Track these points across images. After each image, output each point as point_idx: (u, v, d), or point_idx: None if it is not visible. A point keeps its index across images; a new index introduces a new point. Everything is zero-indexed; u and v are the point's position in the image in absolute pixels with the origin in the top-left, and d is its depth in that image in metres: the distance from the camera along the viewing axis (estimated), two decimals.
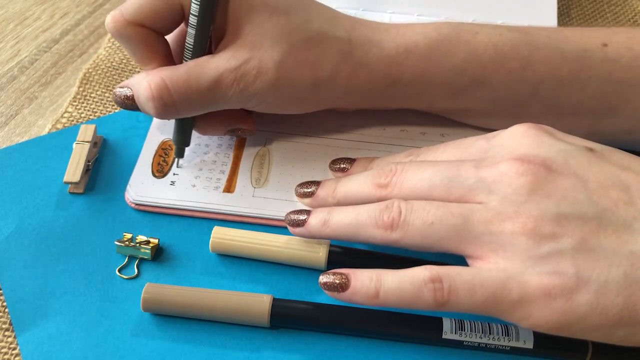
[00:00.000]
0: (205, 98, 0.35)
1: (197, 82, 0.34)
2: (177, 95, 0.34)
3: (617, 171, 0.29)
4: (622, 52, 0.37)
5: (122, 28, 0.35)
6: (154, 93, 0.34)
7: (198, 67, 0.34)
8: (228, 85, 0.34)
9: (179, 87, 0.34)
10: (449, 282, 0.28)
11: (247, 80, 0.34)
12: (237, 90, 0.35)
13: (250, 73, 0.34)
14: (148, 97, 0.34)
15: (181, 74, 0.34)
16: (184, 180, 0.39)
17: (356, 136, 0.42)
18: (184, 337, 0.33)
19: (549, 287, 0.27)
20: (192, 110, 0.35)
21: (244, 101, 0.36)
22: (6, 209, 0.38)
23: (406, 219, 0.30)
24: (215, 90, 0.34)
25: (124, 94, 0.36)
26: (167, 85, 0.34)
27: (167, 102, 0.34)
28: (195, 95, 0.34)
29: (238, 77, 0.34)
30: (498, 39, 0.37)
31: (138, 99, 0.35)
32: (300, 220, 0.34)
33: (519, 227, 0.28)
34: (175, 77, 0.34)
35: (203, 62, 0.35)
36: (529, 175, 0.29)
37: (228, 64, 0.34)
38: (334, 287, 0.31)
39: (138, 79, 0.35)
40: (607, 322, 0.27)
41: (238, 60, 0.34)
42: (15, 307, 0.34)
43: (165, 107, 0.34)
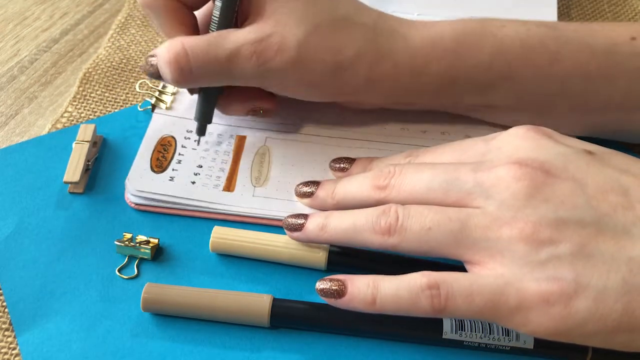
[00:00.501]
0: (222, 68, 0.35)
1: (215, 50, 0.34)
2: (194, 62, 0.34)
3: (616, 175, 0.29)
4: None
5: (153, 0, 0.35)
6: (171, 57, 0.34)
7: (220, 37, 0.35)
8: (247, 57, 0.34)
9: (197, 54, 0.34)
10: (447, 289, 0.28)
11: (267, 55, 0.34)
12: (256, 64, 0.34)
13: (270, 48, 0.34)
14: (166, 61, 0.34)
15: (202, 42, 0.34)
16: (183, 177, 0.39)
17: (357, 134, 0.42)
18: (184, 337, 0.33)
19: (547, 293, 0.27)
20: (208, 79, 0.35)
21: (262, 77, 0.36)
22: (6, 209, 0.38)
23: (403, 224, 0.30)
24: (233, 61, 0.34)
25: (149, 60, 0.36)
26: (185, 51, 0.34)
27: (183, 67, 0.34)
28: (212, 64, 0.34)
29: (258, 51, 0.34)
30: (525, 34, 0.37)
31: (159, 63, 0.35)
32: (298, 224, 0.34)
33: (516, 232, 0.28)
34: (195, 44, 0.34)
35: (225, 33, 0.35)
36: (526, 179, 0.29)
37: (249, 36, 0.34)
38: (331, 293, 0.31)
39: (162, 46, 0.35)
40: (605, 328, 0.27)
41: (259, 33, 0.34)
42: (15, 307, 0.34)
43: (181, 73, 0.34)
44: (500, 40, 0.37)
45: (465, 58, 0.37)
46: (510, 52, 0.37)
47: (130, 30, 0.51)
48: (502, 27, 0.37)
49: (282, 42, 0.34)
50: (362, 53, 0.36)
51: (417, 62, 0.37)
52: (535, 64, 0.37)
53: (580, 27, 0.38)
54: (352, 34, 0.36)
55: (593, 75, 0.37)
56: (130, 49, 0.49)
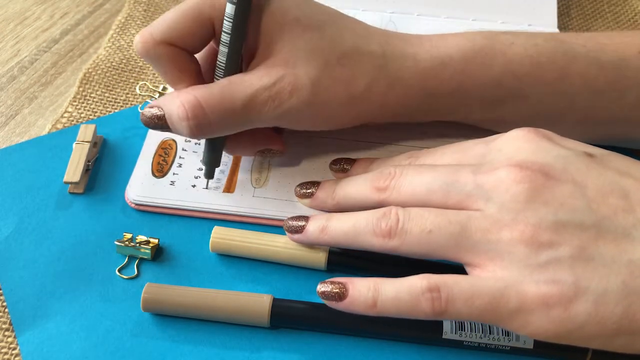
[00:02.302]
0: (239, 116, 0.34)
1: (231, 100, 0.33)
2: (211, 115, 0.33)
3: (617, 177, 0.29)
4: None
5: (151, 48, 0.34)
6: (189, 113, 0.33)
7: (232, 85, 0.34)
8: (262, 103, 0.34)
9: (214, 106, 0.33)
10: (447, 292, 0.28)
11: (282, 98, 0.34)
12: (272, 107, 0.34)
13: (285, 90, 0.34)
14: (182, 117, 0.33)
15: (215, 92, 0.33)
16: (184, 180, 0.39)
17: (357, 136, 0.42)
18: (184, 337, 0.33)
19: (547, 296, 0.27)
20: (226, 129, 0.35)
21: (278, 119, 0.35)
22: (6, 209, 0.38)
23: (404, 226, 0.30)
24: (249, 109, 0.34)
25: (154, 114, 0.34)
26: (201, 104, 0.33)
27: (201, 121, 0.33)
28: (229, 114, 0.33)
29: (273, 95, 0.34)
30: (534, 50, 0.37)
31: (170, 118, 0.34)
32: (298, 226, 0.34)
33: (516, 235, 0.28)
34: (209, 95, 0.33)
35: (236, 80, 0.34)
36: (526, 182, 0.29)
37: (262, 81, 0.34)
38: (332, 296, 0.31)
39: (170, 99, 0.34)
40: (605, 331, 0.27)
41: (272, 77, 0.34)
42: (15, 307, 0.34)
43: (199, 127, 0.33)
44: (509, 58, 0.37)
45: (475, 76, 0.37)
46: (520, 70, 0.37)
47: (130, 30, 0.51)
48: (511, 44, 0.37)
49: (295, 83, 0.34)
50: (374, 82, 0.36)
51: (427, 84, 0.36)
52: (545, 80, 0.37)
53: (589, 41, 0.38)
54: (362, 65, 0.35)
55: (602, 90, 0.37)
56: (130, 49, 0.49)
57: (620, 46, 0.37)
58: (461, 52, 0.36)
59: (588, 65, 0.37)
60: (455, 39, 0.37)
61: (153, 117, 0.34)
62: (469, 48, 0.37)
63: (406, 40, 0.37)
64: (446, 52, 0.37)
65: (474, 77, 0.37)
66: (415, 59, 0.36)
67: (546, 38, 0.38)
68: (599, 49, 0.37)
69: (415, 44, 0.37)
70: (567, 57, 0.37)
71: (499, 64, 0.37)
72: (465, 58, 0.36)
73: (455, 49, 0.37)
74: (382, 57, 0.36)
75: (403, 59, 0.36)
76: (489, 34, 0.38)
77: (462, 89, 0.37)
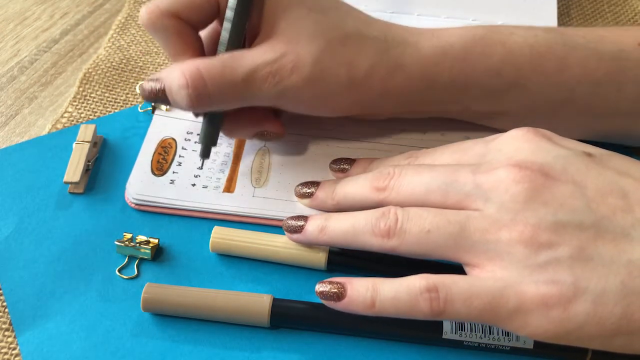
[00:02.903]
0: (239, 90, 0.34)
1: (232, 73, 0.34)
2: (211, 85, 0.33)
3: (616, 177, 0.29)
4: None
5: (157, 19, 0.34)
6: (189, 81, 0.33)
7: (234, 58, 0.34)
8: (263, 78, 0.34)
9: (214, 77, 0.33)
10: (445, 292, 0.28)
11: (283, 74, 0.34)
12: (272, 84, 0.34)
13: (286, 67, 0.34)
14: (182, 85, 0.33)
15: (216, 64, 0.34)
16: (184, 179, 0.39)
17: (356, 135, 0.41)
18: (184, 337, 0.33)
19: (546, 296, 0.27)
20: (225, 102, 0.35)
21: (278, 97, 0.35)
22: (6, 209, 0.38)
23: (403, 226, 0.30)
24: (250, 83, 0.34)
25: (153, 86, 0.35)
26: (201, 74, 0.33)
27: (201, 91, 0.33)
28: (229, 87, 0.34)
29: (274, 71, 0.34)
30: (534, 40, 0.37)
31: (170, 88, 0.34)
32: (297, 226, 0.34)
33: (515, 235, 0.28)
34: (210, 66, 0.33)
35: (238, 55, 0.34)
36: (526, 182, 0.29)
37: (264, 56, 0.34)
38: (330, 296, 0.31)
39: (170, 69, 0.34)
40: (604, 332, 0.27)
41: (274, 53, 0.34)
42: (15, 307, 0.34)
43: (198, 97, 0.33)
44: (509, 47, 0.37)
45: (475, 65, 0.37)
46: (519, 59, 0.37)
47: (130, 30, 0.51)
48: (510, 34, 0.37)
49: (296, 61, 0.34)
50: (375, 66, 0.36)
51: (428, 71, 0.37)
52: (544, 70, 0.37)
53: (588, 33, 0.38)
54: (364, 48, 0.35)
55: (601, 82, 0.37)
56: (130, 49, 0.49)
57: (619, 38, 0.38)
58: (462, 41, 0.37)
59: (587, 56, 0.37)
60: (456, 30, 0.38)
61: (152, 89, 0.35)
62: (469, 37, 0.37)
63: (408, 29, 0.38)
64: (447, 40, 0.37)
65: (474, 66, 0.37)
66: (417, 46, 0.37)
67: (546, 30, 0.38)
68: (598, 40, 0.37)
69: (416, 33, 0.37)
70: (567, 48, 0.37)
71: (499, 54, 0.37)
72: (466, 47, 0.37)
73: (456, 37, 0.37)
74: (383, 42, 0.36)
75: (404, 45, 0.36)
76: (489, 25, 0.38)
77: (462, 78, 0.37)
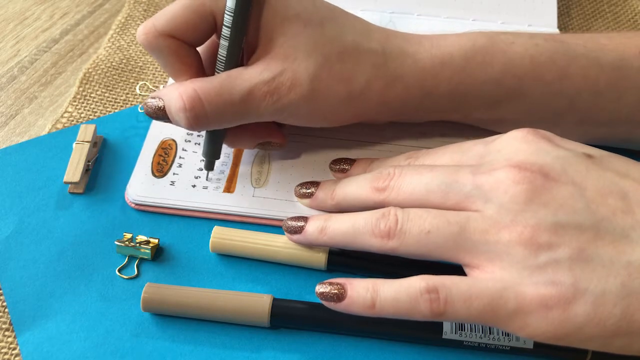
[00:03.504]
0: (237, 110, 0.34)
1: (229, 93, 0.34)
2: (209, 107, 0.33)
3: (616, 178, 0.29)
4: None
5: (153, 40, 0.34)
6: (186, 104, 0.33)
7: (231, 78, 0.34)
8: (261, 98, 0.34)
9: (211, 99, 0.33)
10: (445, 293, 0.28)
11: (281, 93, 0.34)
12: (270, 102, 0.34)
13: (283, 85, 0.34)
14: (180, 108, 0.33)
15: (214, 85, 0.34)
16: (184, 181, 0.39)
17: (356, 136, 0.42)
18: (184, 337, 0.33)
19: (545, 297, 0.27)
20: (224, 122, 0.35)
21: (276, 114, 0.35)
22: (6, 209, 0.38)
23: (403, 227, 0.30)
24: (247, 102, 0.34)
25: (155, 105, 0.35)
26: (199, 97, 0.33)
27: (199, 113, 0.33)
28: (227, 107, 0.34)
29: (271, 90, 0.34)
30: (534, 50, 0.37)
31: (169, 109, 0.34)
32: (297, 227, 0.34)
33: (515, 236, 0.28)
34: (207, 88, 0.34)
35: (236, 74, 0.34)
36: (525, 183, 0.29)
37: (261, 76, 0.34)
38: (331, 297, 0.31)
39: (170, 90, 0.34)
40: (604, 333, 0.27)
41: (271, 72, 0.34)
42: (15, 307, 0.34)
43: (197, 119, 0.34)
44: (509, 57, 0.37)
45: (475, 75, 0.37)
46: (520, 69, 0.37)
47: (130, 30, 0.51)
48: (511, 43, 0.37)
49: (294, 78, 0.34)
50: (373, 80, 0.36)
51: (427, 83, 0.36)
52: (545, 80, 0.37)
53: (589, 41, 0.38)
54: (361, 62, 0.35)
55: (602, 91, 0.37)
56: (130, 49, 0.49)
57: (620, 47, 0.37)
58: (462, 51, 0.36)
59: (588, 65, 0.37)
60: (456, 39, 0.37)
61: (154, 108, 0.35)
62: (469, 47, 0.37)
63: (406, 39, 0.37)
64: (447, 50, 0.37)
65: (474, 76, 0.37)
66: (415, 58, 0.36)
67: (546, 38, 0.38)
68: (599, 49, 0.37)
69: (415, 42, 0.37)
70: (568, 57, 0.37)
71: (499, 63, 0.37)
72: (466, 57, 0.36)
73: (456, 47, 0.37)
74: (381, 56, 0.36)
75: (403, 57, 0.36)
76: (489, 33, 0.38)
77: (462, 88, 0.37)
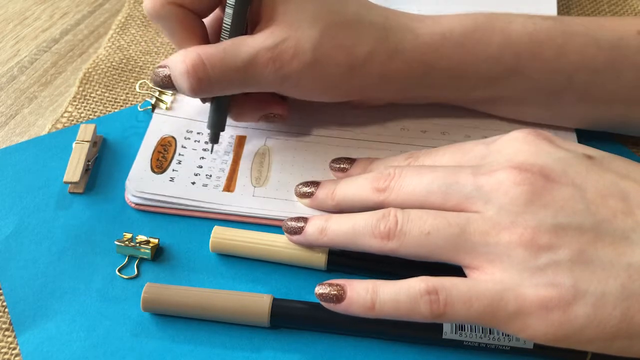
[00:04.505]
0: (240, 76, 0.35)
1: (233, 59, 0.34)
2: (212, 71, 0.34)
3: (616, 180, 0.29)
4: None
5: (160, 8, 0.35)
6: (189, 68, 0.34)
7: (235, 45, 0.34)
8: (264, 64, 0.34)
9: (215, 63, 0.34)
10: (445, 294, 0.28)
11: (283, 60, 0.34)
12: (273, 69, 0.34)
13: (286, 52, 0.34)
14: (182, 72, 0.34)
15: (218, 50, 0.34)
16: (183, 177, 0.39)
17: (356, 135, 0.42)
18: (184, 337, 0.33)
19: (545, 299, 0.27)
20: (226, 88, 0.35)
21: (279, 82, 0.35)
22: (6, 209, 0.38)
23: (403, 228, 0.30)
24: (250, 68, 0.34)
25: (162, 73, 0.35)
26: (202, 61, 0.34)
27: (202, 77, 0.34)
28: (230, 72, 0.34)
29: (274, 56, 0.34)
30: (533, 28, 0.37)
31: (173, 75, 0.35)
32: (297, 227, 0.34)
33: (515, 238, 0.28)
34: (211, 53, 0.34)
35: (240, 41, 0.35)
36: (526, 184, 0.29)
37: (265, 42, 0.34)
38: (330, 298, 0.31)
39: (174, 57, 0.35)
40: (604, 335, 0.27)
41: (275, 39, 0.34)
42: (15, 307, 0.34)
43: (199, 83, 0.34)
44: (508, 34, 0.37)
45: (474, 52, 0.37)
46: (518, 46, 0.37)
47: (130, 30, 0.51)
48: (509, 22, 0.37)
49: (297, 46, 0.34)
50: (375, 51, 0.36)
51: (427, 57, 0.37)
52: (543, 57, 0.37)
53: (587, 21, 0.38)
54: (364, 33, 0.36)
55: (599, 69, 0.37)
56: (130, 49, 0.49)
57: (618, 27, 0.38)
58: (461, 28, 0.37)
59: (586, 43, 0.37)
60: (456, 16, 0.38)
61: (161, 76, 0.35)
62: (469, 24, 0.37)
63: (408, 15, 0.38)
64: (447, 26, 0.37)
65: (473, 53, 0.37)
66: (416, 32, 0.37)
67: (545, 18, 0.38)
68: (597, 28, 0.38)
69: (417, 19, 0.38)
70: (566, 35, 0.37)
71: (498, 40, 0.37)
72: (465, 33, 0.37)
73: (456, 24, 0.37)
74: (383, 29, 0.36)
75: (404, 31, 0.37)
76: (489, 13, 0.38)
77: (461, 64, 0.37)
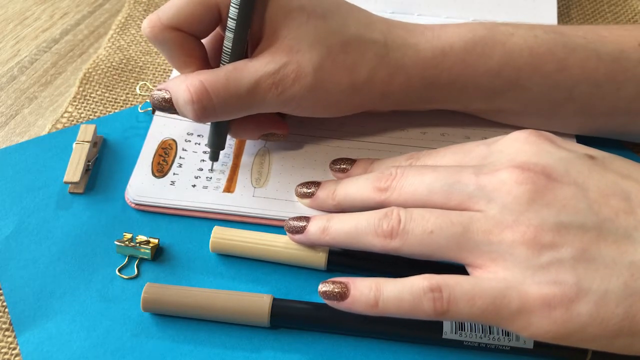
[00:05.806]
0: (243, 102, 0.34)
1: (236, 85, 0.34)
2: (216, 99, 0.34)
3: (618, 179, 0.29)
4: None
5: (159, 32, 0.35)
6: (194, 96, 0.34)
7: (237, 70, 0.34)
8: (266, 89, 0.34)
9: (218, 91, 0.34)
10: (449, 292, 0.28)
11: (286, 84, 0.34)
12: (275, 94, 0.34)
13: (288, 77, 0.34)
14: (187, 101, 0.34)
15: (220, 77, 0.34)
16: (184, 180, 0.39)
17: (357, 136, 0.42)
18: (184, 337, 0.33)
19: (548, 296, 0.27)
20: (230, 113, 0.35)
21: (282, 105, 0.36)
22: (6, 209, 0.38)
23: (405, 227, 0.30)
24: (253, 94, 0.34)
25: (161, 96, 0.35)
26: (206, 89, 0.34)
27: (206, 105, 0.34)
28: (234, 99, 0.34)
29: (276, 81, 0.34)
30: (533, 41, 0.37)
31: (177, 102, 0.35)
32: (299, 227, 0.34)
33: (518, 236, 0.28)
34: (214, 80, 0.34)
35: (241, 66, 0.34)
36: (528, 183, 0.29)
37: (267, 67, 0.34)
38: (333, 296, 0.31)
39: (176, 82, 0.35)
40: (606, 333, 0.27)
41: (276, 64, 0.34)
42: (15, 307, 0.34)
43: (204, 111, 0.34)
44: (509, 48, 0.37)
45: (475, 67, 0.37)
46: (519, 60, 0.37)
47: (130, 30, 0.51)
48: (510, 35, 0.37)
49: (298, 70, 0.34)
50: (376, 70, 0.36)
51: (428, 73, 0.37)
52: (544, 71, 0.37)
53: (588, 33, 0.38)
54: (364, 53, 0.36)
55: (600, 82, 0.37)
56: (130, 49, 0.49)
57: (619, 38, 0.38)
58: (462, 42, 0.37)
59: (587, 57, 0.37)
60: (456, 29, 0.38)
61: (161, 99, 0.35)
62: (469, 38, 0.37)
63: (408, 29, 0.38)
64: (447, 41, 0.37)
65: (474, 67, 0.37)
66: (417, 48, 0.37)
67: (546, 30, 0.38)
68: (598, 40, 0.37)
69: (417, 33, 0.38)
70: (567, 49, 0.37)
71: (499, 55, 0.37)
72: (466, 48, 0.37)
73: (457, 38, 0.37)
74: (383, 46, 0.36)
75: (405, 48, 0.37)
76: (489, 25, 0.38)
77: (462, 78, 0.37)
